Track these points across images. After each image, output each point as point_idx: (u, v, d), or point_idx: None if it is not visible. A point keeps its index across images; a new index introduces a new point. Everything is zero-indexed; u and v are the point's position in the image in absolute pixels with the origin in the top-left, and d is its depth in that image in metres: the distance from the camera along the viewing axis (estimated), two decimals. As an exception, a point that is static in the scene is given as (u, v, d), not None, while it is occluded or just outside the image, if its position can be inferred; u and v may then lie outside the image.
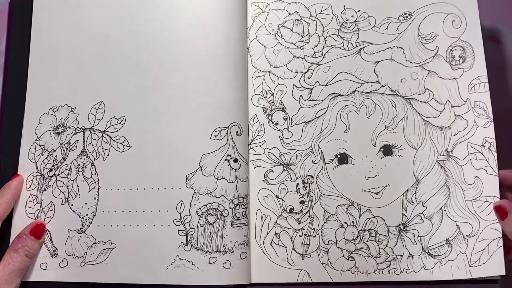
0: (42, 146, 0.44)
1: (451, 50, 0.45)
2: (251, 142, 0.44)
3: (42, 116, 0.45)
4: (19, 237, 0.41)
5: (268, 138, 0.44)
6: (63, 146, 0.44)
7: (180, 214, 0.41)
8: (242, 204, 0.42)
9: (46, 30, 0.47)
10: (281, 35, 0.46)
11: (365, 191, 0.43)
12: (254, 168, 0.43)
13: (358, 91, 0.45)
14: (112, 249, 0.42)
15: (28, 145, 0.45)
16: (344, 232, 0.42)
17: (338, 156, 0.44)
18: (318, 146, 0.44)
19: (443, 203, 0.43)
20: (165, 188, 0.42)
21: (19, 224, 0.43)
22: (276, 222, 0.42)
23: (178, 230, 0.41)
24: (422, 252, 0.42)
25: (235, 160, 0.42)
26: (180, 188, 0.42)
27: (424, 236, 0.42)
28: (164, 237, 0.41)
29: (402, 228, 0.43)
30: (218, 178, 0.42)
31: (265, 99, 0.45)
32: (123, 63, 0.45)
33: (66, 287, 0.42)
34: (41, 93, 0.45)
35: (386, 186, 0.43)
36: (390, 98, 0.45)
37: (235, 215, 0.42)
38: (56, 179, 0.44)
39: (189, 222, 0.41)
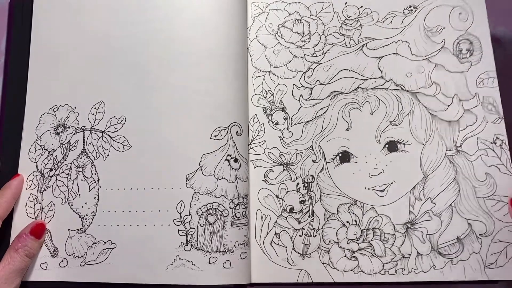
0: (42, 146, 0.44)
1: (458, 43, 0.45)
2: (251, 142, 0.44)
3: (42, 116, 0.45)
4: (19, 237, 0.41)
5: (268, 138, 0.44)
6: (63, 145, 0.44)
7: (180, 214, 0.41)
8: (242, 204, 0.42)
9: (46, 30, 0.47)
10: (281, 35, 0.46)
11: (368, 189, 0.42)
12: (254, 168, 0.43)
13: (360, 87, 0.44)
14: (112, 249, 0.42)
15: (28, 145, 0.45)
16: (346, 232, 0.42)
17: (340, 154, 0.43)
18: (319, 145, 0.44)
19: (452, 200, 0.42)
20: (165, 188, 0.42)
21: (19, 224, 0.43)
22: (276, 222, 0.42)
23: (178, 230, 0.41)
24: (431, 251, 0.41)
25: (235, 160, 0.42)
26: (180, 188, 0.42)
27: (433, 234, 0.41)
28: (164, 237, 0.41)
29: (409, 226, 0.42)
30: (218, 178, 0.42)
31: (265, 99, 0.45)
32: (123, 63, 0.45)
33: (66, 287, 0.42)
34: (41, 93, 0.45)
35: (392, 183, 0.42)
36: (395, 93, 0.44)
37: (235, 215, 0.42)
38: (56, 179, 0.44)
39: (189, 222, 0.41)
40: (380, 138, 0.43)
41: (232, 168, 0.42)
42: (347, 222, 0.42)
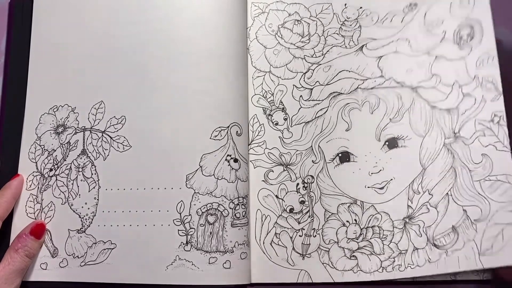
0: (42, 146, 0.44)
1: (459, 30, 0.44)
2: (251, 142, 0.44)
3: (42, 116, 0.45)
4: (19, 237, 0.41)
5: (268, 138, 0.44)
6: (63, 146, 0.44)
7: (180, 214, 0.42)
8: (242, 204, 0.42)
9: (46, 30, 0.47)
10: (281, 35, 0.46)
11: (368, 187, 0.42)
12: (254, 168, 0.43)
13: (360, 88, 0.44)
14: (112, 249, 0.42)
15: (28, 145, 0.45)
16: (346, 231, 0.42)
17: (339, 155, 0.43)
18: (319, 145, 0.44)
19: (449, 188, 0.41)
20: (165, 188, 0.42)
21: (19, 224, 0.43)
22: (276, 222, 0.42)
23: (178, 230, 0.41)
24: (427, 244, 0.41)
25: (235, 160, 0.42)
26: (180, 188, 0.42)
27: (430, 226, 0.41)
28: (164, 237, 0.41)
29: (407, 220, 0.41)
30: (218, 178, 0.42)
31: (265, 99, 0.45)
32: (123, 63, 0.45)
33: (66, 287, 0.42)
34: (41, 93, 0.45)
35: (391, 179, 0.42)
36: (396, 90, 0.44)
37: (235, 215, 0.42)
38: (56, 179, 0.44)
39: (189, 222, 0.41)
40: (380, 136, 0.43)
41: (232, 168, 0.42)
42: (347, 221, 0.42)
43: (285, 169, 0.43)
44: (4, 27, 0.48)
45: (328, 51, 0.45)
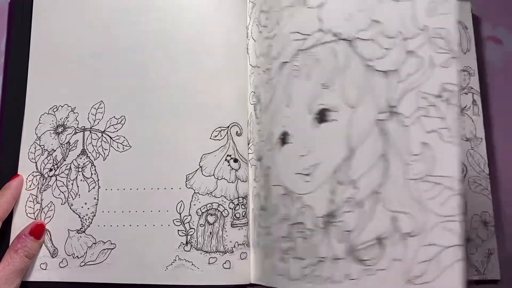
0: (42, 146, 0.44)
1: None
2: (249, 142, 0.44)
3: (42, 116, 0.45)
4: (19, 238, 0.41)
5: (254, 134, 0.42)
6: (63, 146, 0.44)
7: (180, 214, 0.41)
8: (242, 204, 0.42)
9: (46, 30, 0.47)
10: (259, 22, 0.43)
11: (297, 174, 0.35)
12: (251, 167, 0.43)
13: (300, 50, 0.37)
14: (112, 249, 0.42)
15: (28, 145, 0.45)
16: (280, 228, 0.36)
17: (281, 137, 0.37)
18: (272, 131, 0.39)
19: (376, 183, 0.32)
20: (165, 188, 0.42)
21: (19, 224, 0.43)
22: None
23: (178, 230, 0.41)
24: (348, 254, 0.32)
25: (235, 160, 0.42)
26: (180, 188, 0.42)
27: (352, 230, 0.32)
28: (164, 237, 0.41)
29: (328, 219, 0.33)
30: (218, 178, 0.42)
31: (255, 95, 0.44)
32: (123, 63, 0.45)
33: (66, 287, 0.42)
34: (41, 93, 0.45)
35: (317, 163, 0.34)
36: (331, 45, 0.35)
37: (235, 215, 0.41)
38: (56, 179, 0.44)
39: (189, 222, 0.41)
40: (312, 108, 0.36)
41: (232, 169, 0.42)
42: (282, 216, 0.36)
43: (261, 164, 0.41)
44: (4, 27, 0.48)
45: (281, 17, 0.38)
